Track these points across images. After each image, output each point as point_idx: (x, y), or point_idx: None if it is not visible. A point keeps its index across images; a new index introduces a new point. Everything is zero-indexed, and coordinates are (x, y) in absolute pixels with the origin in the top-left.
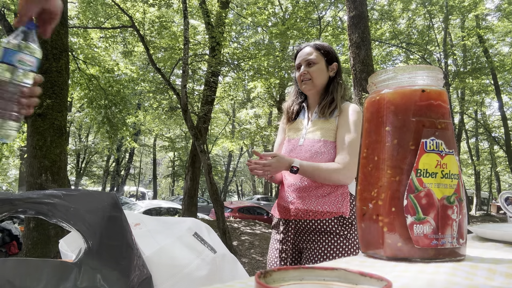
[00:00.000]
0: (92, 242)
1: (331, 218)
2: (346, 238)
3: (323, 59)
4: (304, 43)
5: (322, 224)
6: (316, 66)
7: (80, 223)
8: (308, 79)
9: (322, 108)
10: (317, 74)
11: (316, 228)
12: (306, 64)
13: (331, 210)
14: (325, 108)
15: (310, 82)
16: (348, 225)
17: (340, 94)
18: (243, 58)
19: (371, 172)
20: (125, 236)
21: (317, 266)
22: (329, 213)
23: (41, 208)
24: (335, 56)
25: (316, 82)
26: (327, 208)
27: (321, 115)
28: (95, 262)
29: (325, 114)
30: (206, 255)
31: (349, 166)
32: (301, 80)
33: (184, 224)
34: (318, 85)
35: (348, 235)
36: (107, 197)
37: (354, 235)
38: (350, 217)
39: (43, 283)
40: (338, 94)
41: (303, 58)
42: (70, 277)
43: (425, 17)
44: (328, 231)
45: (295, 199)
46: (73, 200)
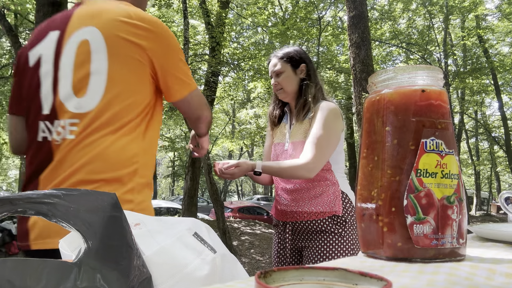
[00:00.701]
0: (92, 242)
1: (325, 218)
2: (341, 236)
3: (288, 65)
4: (271, 54)
5: (317, 224)
6: (283, 75)
7: (80, 223)
8: (280, 89)
9: (297, 111)
10: (286, 82)
11: (312, 228)
12: (275, 75)
13: (324, 210)
14: (300, 111)
15: (282, 91)
16: (342, 222)
17: (311, 95)
18: (243, 58)
19: (371, 172)
20: (125, 236)
21: (317, 266)
22: (322, 213)
23: (41, 208)
24: (301, 57)
25: (288, 90)
26: (320, 208)
27: (297, 119)
28: (95, 262)
29: (300, 117)
30: (206, 255)
31: (311, 160)
32: (276, 91)
33: (184, 224)
34: (291, 92)
35: (342, 233)
36: (107, 197)
37: (349, 232)
38: (343, 215)
39: (43, 283)
40: (310, 95)
41: (271, 70)
42: (70, 277)
43: (425, 17)
44: (323, 230)
45: (289, 202)
46: (73, 200)
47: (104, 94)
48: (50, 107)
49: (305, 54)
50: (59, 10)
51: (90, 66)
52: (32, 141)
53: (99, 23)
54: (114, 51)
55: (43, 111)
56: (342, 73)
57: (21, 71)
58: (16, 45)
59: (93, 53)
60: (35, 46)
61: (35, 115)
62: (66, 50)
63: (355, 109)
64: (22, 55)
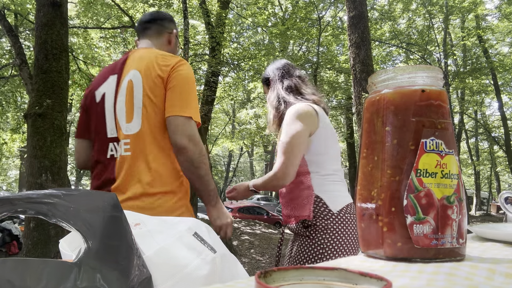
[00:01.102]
0: (92, 242)
1: (298, 221)
2: (311, 239)
3: (265, 86)
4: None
5: (294, 227)
6: (267, 97)
7: (80, 223)
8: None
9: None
10: (270, 102)
11: (292, 230)
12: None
13: (295, 214)
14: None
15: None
16: (311, 226)
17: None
18: (243, 58)
19: (371, 172)
20: (125, 236)
21: (317, 266)
22: (296, 217)
23: (41, 208)
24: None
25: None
26: (293, 212)
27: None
28: (95, 262)
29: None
30: (206, 255)
31: (278, 169)
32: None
33: (184, 224)
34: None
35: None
36: (107, 197)
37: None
38: (313, 219)
39: (43, 283)
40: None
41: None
42: (70, 277)
43: (425, 17)
44: (298, 233)
45: (282, 205)
46: (73, 200)
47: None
48: (113, 132)
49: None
50: (59, 10)
51: (133, 99)
52: (100, 158)
53: (139, 66)
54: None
55: (108, 134)
56: (342, 73)
57: (89, 105)
58: (16, 45)
59: (135, 90)
60: (100, 87)
61: (103, 138)
62: (120, 89)
63: (355, 109)
64: (89, 94)
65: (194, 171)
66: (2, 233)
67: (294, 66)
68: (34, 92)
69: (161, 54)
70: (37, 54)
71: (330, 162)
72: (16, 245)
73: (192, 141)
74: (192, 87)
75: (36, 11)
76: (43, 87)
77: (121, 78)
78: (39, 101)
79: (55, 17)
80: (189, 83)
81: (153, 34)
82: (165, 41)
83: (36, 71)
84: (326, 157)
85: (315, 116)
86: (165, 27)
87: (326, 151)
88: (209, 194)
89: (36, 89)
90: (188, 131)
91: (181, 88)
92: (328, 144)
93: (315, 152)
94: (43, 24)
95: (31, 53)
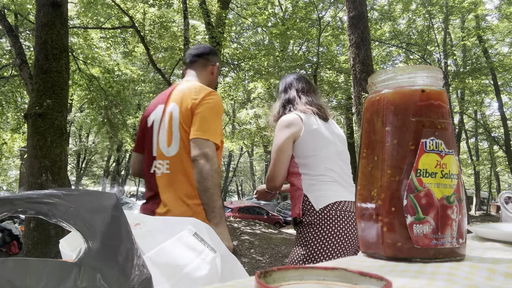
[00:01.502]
0: (92, 242)
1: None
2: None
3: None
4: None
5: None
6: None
7: (80, 223)
8: None
9: None
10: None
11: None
12: None
13: (291, 213)
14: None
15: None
16: (300, 223)
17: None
18: (243, 58)
19: (371, 172)
20: (125, 236)
21: (317, 266)
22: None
23: (41, 208)
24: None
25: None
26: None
27: None
28: (95, 262)
29: None
30: (206, 255)
31: (270, 172)
32: None
33: (184, 224)
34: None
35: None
36: (107, 197)
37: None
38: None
39: (43, 283)
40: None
41: None
42: (70, 277)
43: (425, 17)
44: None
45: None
46: (73, 200)
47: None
48: (156, 152)
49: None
50: (59, 10)
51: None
52: (148, 171)
53: (178, 100)
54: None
55: (153, 154)
56: (342, 73)
57: (143, 128)
58: (16, 45)
59: (173, 121)
60: (151, 114)
61: (149, 156)
62: (163, 119)
63: (355, 109)
64: (144, 118)
65: (202, 182)
66: (2, 233)
67: (301, 78)
68: (34, 92)
69: (197, 88)
70: (37, 54)
71: (321, 162)
72: (16, 245)
73: (205, 156)
74: (215, 114)
75: (36, 11)
76: (43, 87)
77: (165, 109)
78: (39, 101)
79: (55, 17)
80: (213, 111)
81: (199, 67)
82: (208, 72)
83: (36, 71)
84: (315, 158)
85: (299, 123)
86: (209, 60)
87: (315, 153)
88: (213, 210)
89: (36, 89)
90: (203, 148)
91: (203, 115)
92: (317, 146)
93: (303, 155)
94: (43, 24)
95: (31, 53)
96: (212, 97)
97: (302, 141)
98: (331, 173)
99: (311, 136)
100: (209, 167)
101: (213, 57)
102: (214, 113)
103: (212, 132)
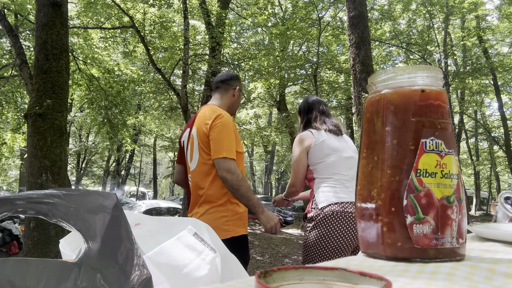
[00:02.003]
0: (92, 242)
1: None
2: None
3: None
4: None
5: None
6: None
7: (80, 223)
8: None
9: None
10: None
11: None
12: None
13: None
14: None
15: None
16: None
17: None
18: (243, 58)
19: (371, 172)
20: (125, 236)
21: (317, 266)
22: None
23: (41, 208)
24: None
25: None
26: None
27: None
28: (95, 262)
29: None
30: (206, 255)
31: (290, 180)
32: None
33: (184, 224)
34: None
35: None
36: (107, 197)
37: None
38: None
39: (43, 283)
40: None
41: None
42: (70, 277)
43: (425, 17)
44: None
45: None
46: (73, 200)
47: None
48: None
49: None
50: (59, 10)
51: (193, 148)
52: (186, 182)
53: (197, 124)
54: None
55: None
56: (342, 73)
57: (181, 147)
58: (16, 46)
59: (194, 142)
60: (183, 135)
61: (186, 170)
62: (190, 140)
63: (355, 109)
64: (180, 138)
65: (236, 192)
66: (2, 233)
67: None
68: (34, 92)
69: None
70: (37, 54)
71: (328, 168)
72: (16, 245)
73: (229, 172)
74: (225, 133)
75: (36, 11)
76: (43, 87)
77: (190, 132)
78: (39, 101)
79: (55, 17)
80: (222, 131)
81: (222, 91)
82: (230, 95)
83: (36, 71)
84: (323, 165)
85: (311, 138)
86: (231, 85)
87: (323, 160)
88: (254, 206)
89: (36, 89)
90: (225, 166)
91: (215, 137)
92: (324, 155)
93: (314, 162)
94: (43, 24)
95: (31, 53)
96: (219, 120)
97: (313, 151)
98: (336, 176)
99: (319, 147)
100: (235, 180)
101: (234, 82)
102: (223, 133)
103: (226, 149)
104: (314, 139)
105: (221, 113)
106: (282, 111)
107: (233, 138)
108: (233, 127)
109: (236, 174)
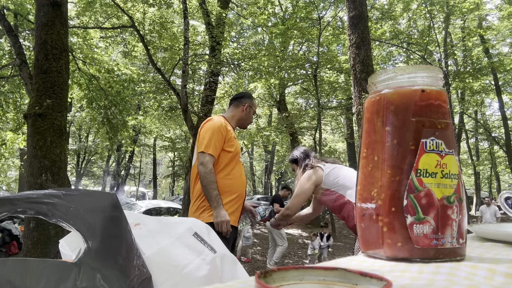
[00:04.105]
0: (92, 242)
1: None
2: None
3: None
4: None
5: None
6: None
7: (80, 223)
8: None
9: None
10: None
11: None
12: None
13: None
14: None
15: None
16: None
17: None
18: (243, 58)
19: (371, 172)
20: (125, 236)
21: (317, 266)
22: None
23: (41, 208)
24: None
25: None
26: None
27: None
28: (95, 262)
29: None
30: (206, 255)
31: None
32: None
33: (184, 224)
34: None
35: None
36: (107, 197)
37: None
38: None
39: (43, 283)
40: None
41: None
42: (70, 277)
43: (426, 17)
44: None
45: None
46: (73, 200)
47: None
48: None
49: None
50: (59, 10)
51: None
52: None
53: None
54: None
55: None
56: (342, 73)
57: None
58: (16, 45)
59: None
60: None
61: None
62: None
63: (355, 109)
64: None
65: (201, 182)
66: (2, 233)
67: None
68: (34, 92)
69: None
70: (37, 54)
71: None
72: (16, 245)
73: (201, 164)
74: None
75: (36, 11)
76: (43, 87)
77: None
78: (39, 101)
79: (55, 17)
80: (205, 132)
81: (234, 106)
82: (240, 110)
83: (36, 71)
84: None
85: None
86: (241, 102)
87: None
88: (210, 198)
89: (36, 89)
90: (200, 159)
91: (201, 136)
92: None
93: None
94: (43, 24)
95: (31, 53)
96: (207, 122)
97: (327, 176)
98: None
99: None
100: (203, 171)
101: (246, 100)
102: (206, 132)
103: (205, 146)
104: (325, 169)
105: (212, 117)
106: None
107: (216, 137)
108: (221, 129)
109: (206, 167)
